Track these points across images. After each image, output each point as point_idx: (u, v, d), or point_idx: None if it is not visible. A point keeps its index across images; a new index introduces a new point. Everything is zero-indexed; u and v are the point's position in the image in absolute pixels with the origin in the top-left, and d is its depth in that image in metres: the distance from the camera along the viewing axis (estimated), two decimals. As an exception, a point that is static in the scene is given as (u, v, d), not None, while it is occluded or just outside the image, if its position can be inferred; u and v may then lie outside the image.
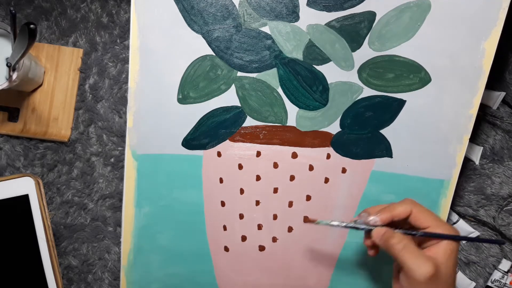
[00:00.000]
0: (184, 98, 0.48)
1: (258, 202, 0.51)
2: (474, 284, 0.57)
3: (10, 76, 0.48)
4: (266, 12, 0.46)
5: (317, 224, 0.42)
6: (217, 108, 0.48)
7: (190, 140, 0.49)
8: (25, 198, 0.50)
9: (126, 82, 0.55)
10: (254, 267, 0.52)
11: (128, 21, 0.55)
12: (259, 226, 0.51)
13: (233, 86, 0.48)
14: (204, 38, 0.47)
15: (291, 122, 0.49)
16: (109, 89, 0.56)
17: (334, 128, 0.49)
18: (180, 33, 0.46)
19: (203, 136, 0.49)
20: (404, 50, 0.47)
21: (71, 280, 0.56)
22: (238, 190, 0.50)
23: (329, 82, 0.48)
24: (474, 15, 0.46)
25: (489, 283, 0.56)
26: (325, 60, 0.47)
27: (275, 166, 0.50)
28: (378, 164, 0.50)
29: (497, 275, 0.56)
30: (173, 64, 0.47)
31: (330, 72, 0.48)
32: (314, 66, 0.47)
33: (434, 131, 0.49)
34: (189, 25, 0.46)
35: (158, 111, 0.48)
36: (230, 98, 0.48)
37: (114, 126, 0.56)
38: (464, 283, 0.57)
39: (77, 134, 0.56)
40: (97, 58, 0.56)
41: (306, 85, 0.48)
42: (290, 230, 0.51)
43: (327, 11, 0.46)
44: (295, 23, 0.46)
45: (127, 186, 0.49)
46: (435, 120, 0.49)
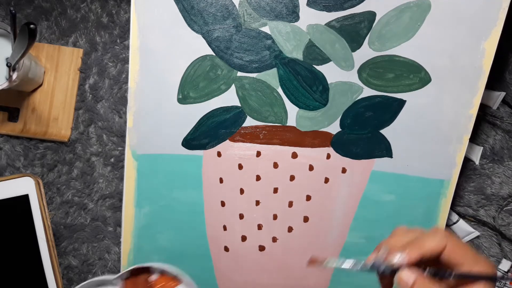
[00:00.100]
0: (184, 98, 0.48)
1: (258, 202, 0.51)
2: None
3: (10, 76, 0.48)
4: (266, 12, 0.46)
5: (325, 266, 0.34)
6: (217, 108, 0.48)
7: (190, 140, 0.49)
8: (25, 198, 0.50)
9: (126, 82, 0.55)
10: (254, 267, 0.52)
11: (128, 21, 0.55)
12: (259, 226, 0.51)
13: (233, 86, 0.48)
14: (204, 38, 0.47)
15: (291, 122, 0.49)
16: (109, 89, 0.56)
17: (334, 128, 0.49)
18: (180, 33, 0.46)
19: (203, 136, 0.49)
20: (404, 50, 0.47)
21: (71, 280, 0.56)
22: (238, 190, 0.50)
23: (329, 82, 0.48)
24: (474, 15, 0.46)
25: (489, 283, 0.56)
26: (325, 60, 0.47)
27: (275, 166, 0.50)
28: (378, 164, 0.50)
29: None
30: (173, 64, 0.47)
31: (330, 72, 0.47)
32: (314, 66, 0.47)
33: (434, 131, 0.49)
34: (189, 25, 0.46)
35: (158, 111, 0.48)
36: (230, 98, 0.48)
37: (114, 126, 0.56)
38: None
39: (77, 134, 0.56)
40: (97, 58, 0.55)
41: (306, 85, 0.48)
42: (290, 230, 0.51)
43: (327, 11, 0.46)
44: (295, 23, 0.46)
45: (127, 186, 0.49)
46: (435, 120, 0.49)
